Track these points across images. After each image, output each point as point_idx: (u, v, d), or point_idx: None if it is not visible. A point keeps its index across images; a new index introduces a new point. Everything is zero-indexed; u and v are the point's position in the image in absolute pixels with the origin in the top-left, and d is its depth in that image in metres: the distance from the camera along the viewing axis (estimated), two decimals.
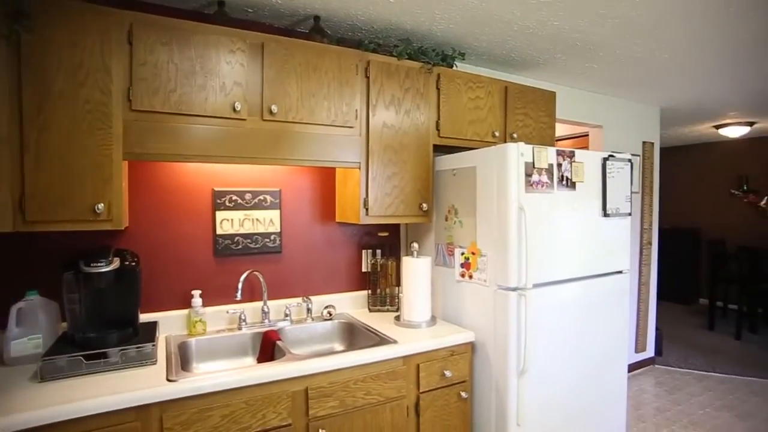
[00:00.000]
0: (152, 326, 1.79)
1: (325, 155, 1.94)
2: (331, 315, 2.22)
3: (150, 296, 1.92)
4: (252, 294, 2.16)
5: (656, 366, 4.10)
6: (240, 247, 2.12)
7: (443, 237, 2.23)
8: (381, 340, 1.89)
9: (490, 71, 2.87)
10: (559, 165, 2.01)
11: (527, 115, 2.55)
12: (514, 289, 1.86)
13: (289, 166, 2.22)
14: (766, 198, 5.89)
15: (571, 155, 2.05)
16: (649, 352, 4.13)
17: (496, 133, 2.40)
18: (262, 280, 2.09)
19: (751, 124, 5.00)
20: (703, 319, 5.67)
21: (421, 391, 1.87)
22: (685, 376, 3.87)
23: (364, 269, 2.44)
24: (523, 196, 1.85)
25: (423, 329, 2.05)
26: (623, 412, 2.32)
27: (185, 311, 1.98)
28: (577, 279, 2.10)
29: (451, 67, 2.35)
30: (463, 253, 2.10)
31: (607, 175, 2.21)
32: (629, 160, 2.32)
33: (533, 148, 1.89)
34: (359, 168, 2.03)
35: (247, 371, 1.53)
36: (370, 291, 2.39)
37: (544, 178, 1.94)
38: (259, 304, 2.14)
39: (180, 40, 1.61)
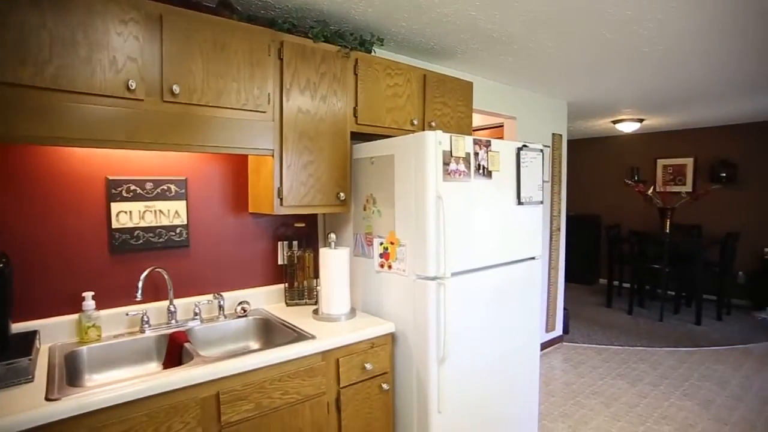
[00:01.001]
0: (29, 337, 1.56)
1: (236, 141, 1.79)
2: (245, 311, 2.09)
3: (26, 302, 1.67)
4: (156, 293, 1.97)
5: (564, 343, 4.42)
6: (141, 242, 1.91)
7: (362, 227, 2.18)
8: (298, 336, 1.81)
9: (409, 59, 2.85)
10: (476, 154, 2.03)
11: (445, 104, 2.56)
12: (433, 279, 1.86)
13: (197, 153, 2.04)
14: (652, 187, 6.55)
15: (488, 144, 2.09)
16: (558, 330, 4.43)
17: (415, 122, 2.38)
18: (167, 277, 1.90)
19: (641, 120, 5.51)
20: (603, 297, 6.22)
21: (341, 386, 1.82)
22: (588, 351, 4.21)
23: (280, 262, 2.33)
24: (441, 185, 1.85)
25: (342, 322, 2.00)
26: (536, 390, 2.44)
27: (75, 316, 1.76)
28: (493, 266, 2.15)
29: (370, 52, 2.29)
30: (381, 243, 2.07)
31: (521, 164, 2.28)
32: (541, 150, 2.42)
33: (451, 136, 1.89)
34: (273, 156, 1.91)
35: (148, 380, 1.38)
36: (287, 284, 2.29)
37: (462, 166, 1.96)
38: (165, 303, 1.96)
39: (55, 4, 1.38)
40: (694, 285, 5.58)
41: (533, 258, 2.45)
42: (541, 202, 2.49)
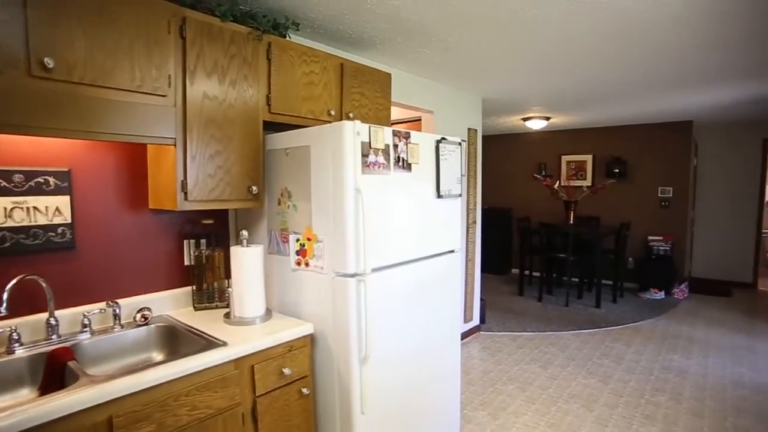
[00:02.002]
0: None
1: (130, 128, 1.58)
2: (146, 319, 1.87)
3: None
4: (32, 304, 1.69)
5: (481, 332, 4.58)
6: (7, 244, 1.62)
7: (276, 223, 2.05)
8: (208, 344, 1.65)
9: (326, 47, 2.74)
10: (396, 146, 1.98)
11: (363, 95, 2.49)
12: (353, 275, 1.78)
13: (83, 141, 1.78)
14: (557, 182, 7.03)
15: (407, 136, 2.05)
16: (476, 320, 4.59)
17: (332, 112, 2.28)
18: (44, 285, 1.64)
19: (548, 118, 5.87)
20: (515, 286, 6.56)
21: (257, 395, 1.69)
22: (504, 338, 4.40)
23: (186, 262, 2.12)
24: (359, 178, 1.78)
25: (257, 326, 1.86)
26: (458, 382, 2.47)
27: None
28: (414, 261, 2.12)
29: (284, 37, 2.15)
30: (298, 240, 1.95)
31: (441, 157, 2.28)
32: (460, 143, 2.43)
33: (370, 127, 1.82)
34: (175, 145, 1.71)
35: (13, 414, 1.15)
36: (195, 287, 2.09)
37: (381, 159, 1.90)
38: (43, 316, 1.69)
39: None
40: (593, 272, 6.09)
41: (453, 251, 2.47)
42: (460, 195, 2.52)
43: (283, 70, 2.04)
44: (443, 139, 2.31)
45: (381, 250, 1.91)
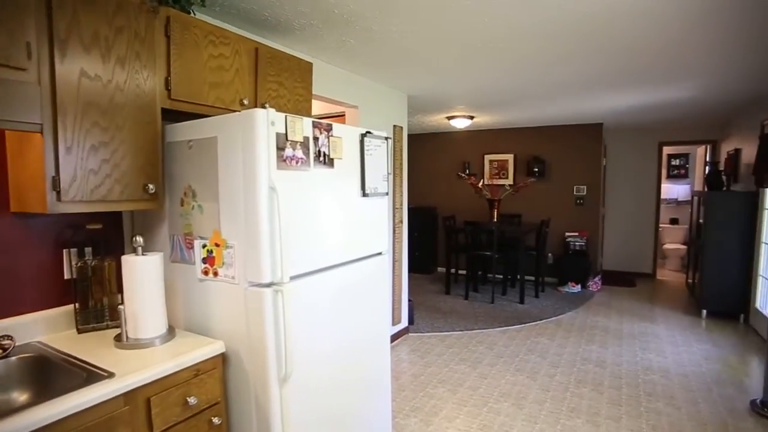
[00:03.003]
0: None
1: None
2: (5, 350, 1.51)
3: None
4: None
5: (410, 334, 4.50)
6: None
7: (179, 226, 1.77)
8: (90, 376, 1.35)
9: (239, 30, 2.48)
10: (316, 139, 1.79)
11: (281, 84, 2.27)
12: (269, 285, 1.57)
13: None
14: (481, 180, 7.20)
15: (329, 128, 1.86)
16: (404, 322, 4.49)
17: (245, 101, 2.04)
18: None
19: (471, 117, 5.95)
20: (442, 285, 6.60)
21: None
22: (432, 339, 4.34)
23: (67, 276, 1.77)
24: (275, 174, 1.56)
25: (156, 348, 1.58)
26: (389, 391, 2.32)
27: None
28: (338, 266, 1.94)
29: (188, 12, 1.87)
30: (204, 246, 1.69)
31: (366, 152, 2.12)
32: (386, 138, 2.29)
33: (286, 116, 1.62)
34: (42, 132, 1.39)
35: None
36: (78, 305, 1.75)
37: (300, 153, 1.70)
38: None
39: None
40: (517, 268, 6.28)
41: (380, 254, 2.32)
42: (387, 194, 2.38)
43: (185, 50, 1.77)
44: (368, 132, 2.16)
45: (301, 256, 1.71)
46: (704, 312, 5.01)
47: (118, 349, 1.57)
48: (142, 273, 1.60)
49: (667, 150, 7.38)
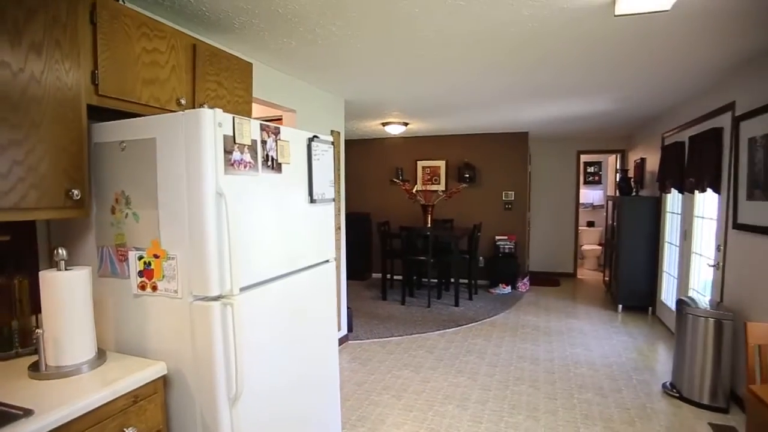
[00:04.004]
0: None
1: None
2: None
3: None
4: None
5: (350, 342, 4.43)
6: None
7: (110, 237, 1.59)
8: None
9: (174, 26, 2.30)
10: (264, 142, 1.70)
11: (221, 84, 2.14)
12: (217, 298, 1.45)
13: None
14: (415, 186, 7.32)
15: (277, 132, 1.78)
16: (343, 330, 4.43)
17: (182, 101, 1.89)
18: None
19: (406, 124, 6.04)
20: (377, 291, 6.60)
21: None
22: (373, 346, 4.32)
23: None
24: (222, 179, 1.46)
25: (84, 375, 1.40)
26: (338, 401, 2.26)
27: None
28: (288, 274, 1.86)
29: (116, 0, 1.70)
30: (141, 258, 1.54)
31: (313, 157, 2.05)
32: (332, 143, 2.24)
33: (234, 118, 1.52)
34: None
35: None
36: None
37: (247, 156, 1.60)
38: None
39: None
40: (450, 272, 6.44)
41: (327, 261, 2.26)
42: (333, 200, 2.33)
43: (115, 41, 1.60)
44: (315, 137, 2.09)
45: (251, 266, 1.61)
46: (620, 307, 5.45)
47: (34, 380, 1.37)
48: (66, 290, 1.41)
49: (583, 158, 7.97)
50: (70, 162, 1.46)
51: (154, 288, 1.52)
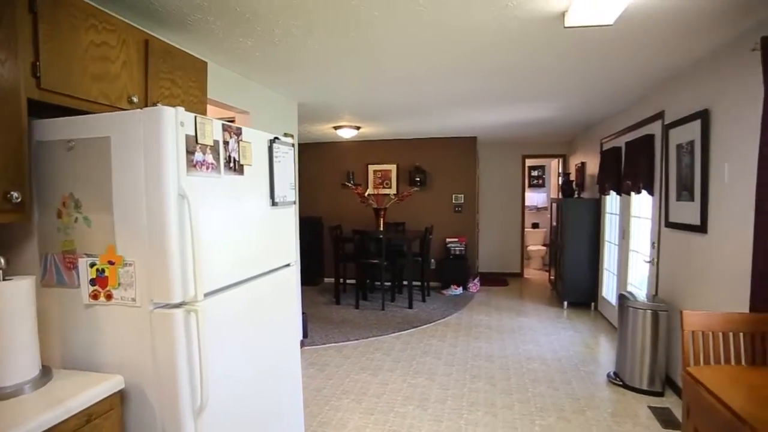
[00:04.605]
0: None
1: None
2: None
3: None
4: None
5: (306, 348, 4.36)
6: None
7: (55, 244, 1.47)
8: None
9: (124, 20, 2.17)
10: (226, 143, 1.64)
11: (175, 83, 2.05)
12: (180, 305, 1.38)
13: None
14: (367, 190, 7.32)
15: (239, 133, 1.73)
16: (299, 336, 4.34)
17: (134, 99, 1.79)
18: None
19: (358, 128, 6.05)
20: (330, 296, 6.54)
21: None
22: (329, 351, 4.27)
23: None
24: (184, 180, 1.39)
25: (27, 396, 1.28)
26: (301, 407, 2.22)
27: None
28: (251, 279, 1.80)
29: None
30: (94, 265, 1.43)
31: (274, 159, 2.01)
32: (293, 145, 2.20)
33: (196, 117, 1.45)
34: None
35: None
36: None
37: (210, 157, 1.54)
38: None
39: None
40: (403, 274, 6.50)
41: (288, 265, 2.22)
42: (294, 203, 2.29)
43: (59, 32, 1.49)
44: (276, 138, 2.05)
45: (215, 271, 1.55)
46: (565, 303, 5.73)
47: None
48: (5, 302, 1.29)
49: (528, 162, 8.33)
50: (7, 161, 1.34)
51: (109, 297, 1.42)
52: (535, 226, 9.07)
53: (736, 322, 2.07)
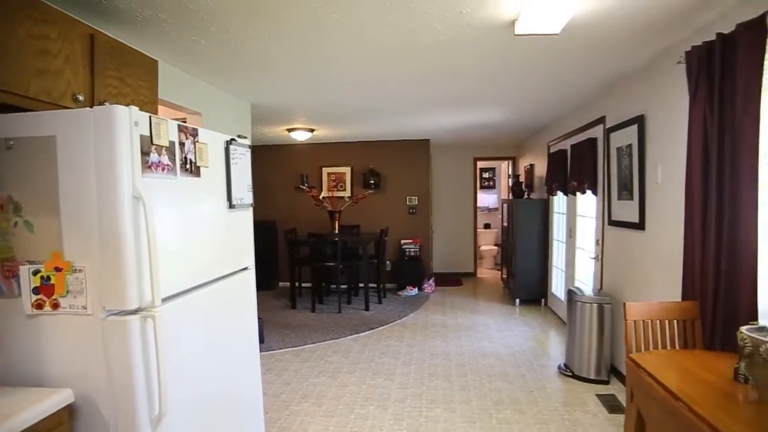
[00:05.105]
0: None
1: None
2: None
3: None
4: None
5: (262, 353, 4.26)
6: None
7: None
8: None
9: (67, 13, 2.05)
10: (182, 144, 1.60)
11: (124, 81, 1.96)
12: (136, 312, 1.33)
13: None
14: (322, 193, 7.28)
15: (195, 133, 1.69)
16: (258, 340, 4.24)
17: (80, 97, 1.70)
18: None
19: (312, 130, 6.00)
20: (286, 300, 6.43)
21: None
22: (287, 355, 4.20)
23: None
24: (140, 182, 1.34)
25: None
26: (261, 412, 2.18)
27: None
28: (209, 283, 1.76)
29: None
30: (37, 272, 1.35)
31: (231, 161, 1.97)
32: (249, 146, 2.17)
33: (150, 117, 1.41)
34: None
35: None
36: None
37: (165, 159, 1.49)
38: None
39: None
40: (359, 277, 6.50)
41: (246, 268, 2.18)
42: (252, 205, 2.26)
43: None
44: (233, 140, 2.02)
45: (172, 275, 1.50)
46: (517, 301, 5.94)
47: None
48: None
49: (479, 164, 8.57)
50: None
51: (55, 306, 1.34)
52: (487, 226, 9.34)
53: (671, 310, 2.24)
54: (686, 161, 2.31)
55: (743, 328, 1.54)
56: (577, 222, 4.67)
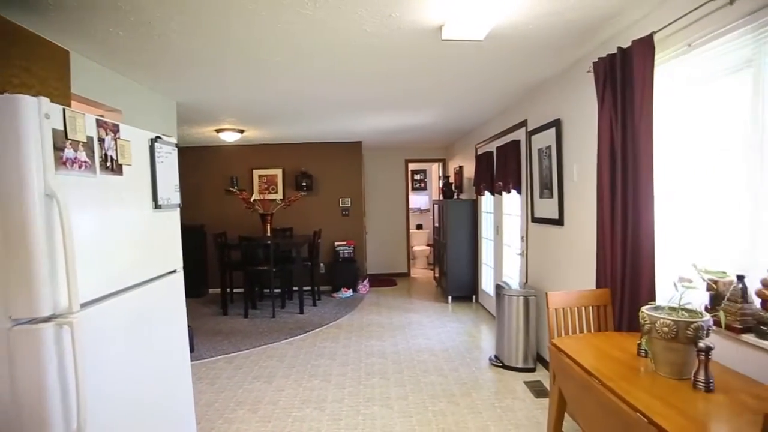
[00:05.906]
0: None
1: None
2: None
3: None
4: None
5: (192, 362, 4.06)
6: None
7: None
8: None
9: None
10: (102, 140, 1.51)
11: (30, 72, 1.81)
12: (50, 319, 1.23)
13: None
14: (253, 195, 7.08)
15: (116, 129, 1.59)
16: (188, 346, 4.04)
17: None
18: None
19: (241, 131, 5.84)
20: (217, 306, 6.19)
21: None
22: (219, 363, 4.05)
23: None
24: (53, 179, 1.25)
25: None
26: (193, 423, 2.09)
27: None
28: (134, 287, 1.66)
29: None
30: None
31: (156, 159, 1.88)
32: (176, 145, 2.08)
33: (65, 109, 1.31)
34: None
35: None
36: None
37: (83, 155, 1.40)
38: None
39: None
40: (293, 280, 6.41)
41: (175, 271, 2.09)
42: (179, 206, 2.17)
43: None
44: (158, 138, 1.93)
45: (92, 278, 1.40)
46: (450, 298, 6.14)
47: None
48: None
49: (411, 166, 8.76)
50: None
51: None
52: (419, 227, 9.57)
53: (587, 298, 2.44)
54: (597, 161, 2.53)
55: (644, 308, 1.73)
56: (504, 220, 4.93)
